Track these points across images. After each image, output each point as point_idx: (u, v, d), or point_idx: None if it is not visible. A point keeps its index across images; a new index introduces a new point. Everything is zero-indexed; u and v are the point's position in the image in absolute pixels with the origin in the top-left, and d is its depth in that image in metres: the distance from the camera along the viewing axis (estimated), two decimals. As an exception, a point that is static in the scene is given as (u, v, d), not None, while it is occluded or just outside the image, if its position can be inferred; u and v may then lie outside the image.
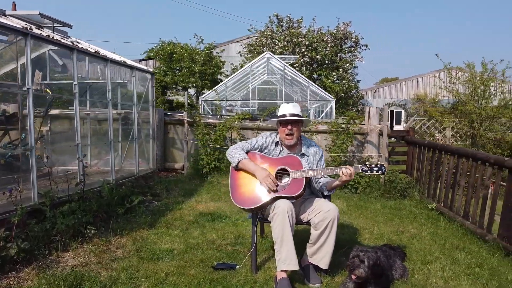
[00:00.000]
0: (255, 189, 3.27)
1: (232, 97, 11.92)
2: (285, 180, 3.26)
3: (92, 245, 3.73)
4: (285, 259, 3.03)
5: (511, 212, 4.19)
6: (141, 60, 23.46)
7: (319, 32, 14.92)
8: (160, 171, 7.71)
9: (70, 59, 4.57)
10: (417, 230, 4.81)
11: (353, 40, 14.78)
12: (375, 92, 29.90)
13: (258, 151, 3.47)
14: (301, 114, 3.46)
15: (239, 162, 3.33)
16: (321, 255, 3.20)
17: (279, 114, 3.46)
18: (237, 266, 3.42)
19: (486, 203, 4.71)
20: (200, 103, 9.48)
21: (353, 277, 2.93)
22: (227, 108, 12.34)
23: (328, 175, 3.37)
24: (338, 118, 7.62)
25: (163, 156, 8.01)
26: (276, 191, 3.18)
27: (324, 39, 14.28)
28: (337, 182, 3.24)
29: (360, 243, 4.19)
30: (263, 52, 15.39)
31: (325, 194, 3.43)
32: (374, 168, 3.14)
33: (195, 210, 5.26)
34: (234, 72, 17.78)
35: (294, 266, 3.02)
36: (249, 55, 16.23)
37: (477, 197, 4.91)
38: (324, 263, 3.19)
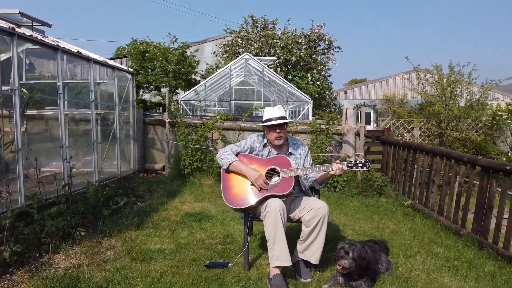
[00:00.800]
0: (246, 189, 3.37)
1: (209, 97, 11.92)
2: (275, 179, 3.37)
3: (82, 246, 3.71)
4: (278, 256, 3.14)
5: (483, 208, 4.47)
6: (111, 59, 23.02)
7: (294, 34, 15.14)
8: (140, 172, 7.66)
9: (54, 59, 4.51)
10: (396, 226, 5.03)
11: (326, 42, 15.10)
12: (345, 93, 30.56)
13: (248, 153, 3.56)
14: (285, 116, 3.58)
15: (230, 164, 3.42)
16: (312, 251, 3.33)
17: (265, 118, 3.55)
18: (230, 264, 3.50)
19: (460, 199, 4.98)
20: (179, 103, 9.45)
21: (338, 267, 3.08)
22: (203, 108, 12.32)
23: (316, 172, 3.50)
24: (315, 119, 7.80)
25: (143, 157, 7.96)
26: (267, 190, 3.29)
27: (299, 41, 14.51)
28: (328, 175, 3.40)
29: (344, 239, 4.34)
30: (239, 52, 15.48)
31: (316, 187, 3.59)
32: (359, 165, 3.32)
33: (181, 211, 5.28)
34: (209, 72, 17.80)
35: (287, 262, 3.14)
36: (224, 56, 16.26)
37: (451, 194, 5.19)
38: (315, 259, 3.32)
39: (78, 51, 4.87)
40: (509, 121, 13.09)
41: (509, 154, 13.06)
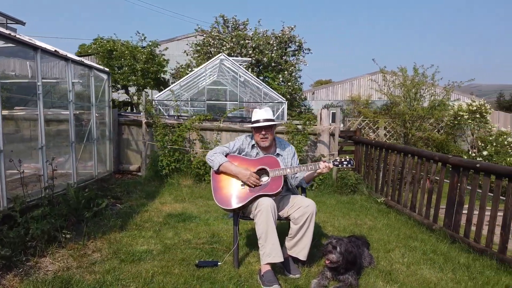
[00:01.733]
0: (237, 190, 3.44)
1: (182, 97, 11.83)
2: (265, 179, 3.47)
3: (68, 249, 3.66)
4: (270, 253, 3.23)
5: (454, 204, 4.76)
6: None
7: (265, 35, 15.29)
8: (115, 173, 7.53)
9: (30, 58, 4.40)
10: (372, 222, 5.25)
11: (297, 44, 15.35)
12: (313, 93, 31.09)
13: (237, 153, 3.64)
14: (273, 118, 3.67)
15: (220, 165, 3.48)
16: (300, 247, 3.45)
17: (252, 119, 3.64)
18: (219, 263, 3.56)
19: (431, 196, 5.26)
20: (154, 103, 9.33)
21: (327, 261, 3.22)
22: (179, 108, 12.23)
23: (304, 171, 3.62)
24: (291, 119, 7.95)
25: (118, 158, 7.82)
26: (257, 190, 3.38)
27: (270, 42, 14.68)
28: (315, 174, 3.54)
29: (326, 235, 4.51)
30: (211, 52, 15.46)
31: (304, 186, 3.72)
32: (344, 162, 3.47)
33: (162, 212, 5.27)
34: (180, 71, 17.64)
35: (279, 258, 3.24)
36: (196, 55, 16.17)
37: (423, 191, 5.47)
38: (303, 255, 3.44)
39: (55, 51, 4.76)
40: (470, 121, 13.77)
41: (470, 153, 13.74)
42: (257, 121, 3.55)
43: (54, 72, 5.91)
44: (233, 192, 3.44)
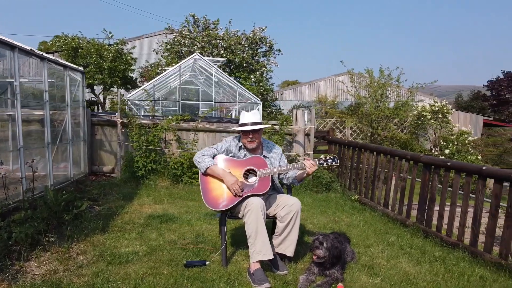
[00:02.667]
0: (225, 191, 3.52)
1: (153, 97, 11.69)
2: (253, 179, 3.55)
3: (52, 253, 3.59)
4: (260, 251, 3.31)
5: (426, 200, 5.02)
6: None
7: (236, 35, 15.35)
8: (88, 174, 7.36)
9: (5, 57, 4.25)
10: (349, 219, 5.44)
11: (268, 45, 15.50)
12: (281, 94, 31.42)
13: (225, 154, 3.69)
14: (261, 121, 3.76)
15: (207, 168, 3.54)
16: (286, 244, 3.55)
17: (240, 122, 3.71)
18: (207, 263, 3.60)
19: (404, 193, 5.52)
20: (127, 102, 9.18)
21: (314, 257, 3.35)
22: (146, 107, 12.06)
23: (291, 170, 3.72)
24: (266, 120, 8.07)
25: (90, 159, 7.64)
26: (246, 190, 3.45)
27: (242, 43, 14.75)
28: (304, 175, 3.65)
29: (308, 232, 4.64)
30: (181, 51, 15.33)
31: (296, 185, 3.83)
32: (329, 160, 3.61)
33: (143, 213, 5.23)
34: (149, 70, 17.39)
35: (269, 255, 3.33)
36: (166, 54, 15.99)
37: (396, 188, 5.72)
38: (290, 252, 3.55)
39: (31, 49, 4.63)
40: (433, 121, 14.42)
41: (432, 151, 14.38)
42: (245, 124, 3.63)
43: (24, 71, 5.70)
44: (222, 194, 3.50)
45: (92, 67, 17.62)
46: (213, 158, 3.64)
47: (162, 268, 3.46)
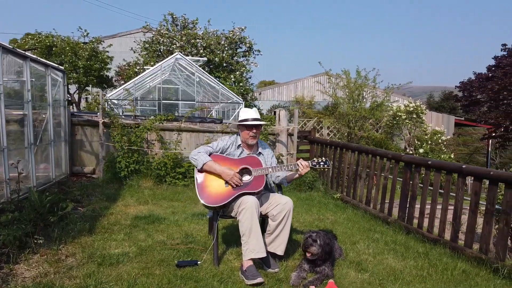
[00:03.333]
0: (221, 188, 3.55)
1: (131, 96, 11.54)
2: (247, 178, 3.60)
3: (41, 255, 3.53)
4: (254, 249, 3.37)
5: (407, 198, 5.19)
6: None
7: (215, 35, 15.31)
8: (70, 175, 7.21)
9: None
10: (334, 217, 5.56)
11: (247, 45, 15.54)
12: (260, 94, 31.52)
13: (220, 153, 3.73)
14: (261, 118, 3.84)
15: (204, 164, 3.57)
16: (278, 242, 3.62)
17: (242, 118, 3.77)
18: (199, 262, 3.62)
19: (386, 191, 5.68)
20: (108, 102, 9.02)
21: (308, 254, 3.43)
22: (124, 107, 11.89)
23: (285, 170, 3.79)
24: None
25: (71, 160, 7.49)
26: (241, 188, 3.50)
27: (221, 42, 14.73)
28: (296, 175, 3.73)
29: (295, 230, 4.72)
30: (160, 50, 15.17)
31: (284, 185, 3.90)
32: (321, 163, 3.70)
33: (128, 214, 5.18)
34: (126, 69, 17.11)
35: (263, 253, 3.39)
36: (143, 53, 15.78)
37: (377, 186, 5.88)
38: (280, 250, 3.62)
39: (14, 48, 4.52)
40: (407, 121, 14.82)
41: (407, 150, 14.78)
42: (246, 120, 3.68)
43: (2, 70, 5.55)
44: (217, 190, 3.54)
45: (66, 65, 17.19)
46: (209, 156, 3.67)
47: (154, 269, 3.46)
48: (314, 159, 3.73)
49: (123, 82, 17.42)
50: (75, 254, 3.69)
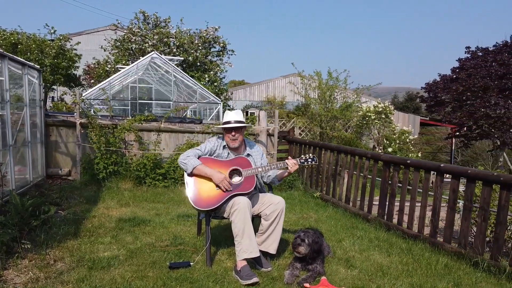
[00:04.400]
0: (212, 191, 3.58)
1: (101, 96, 11.28)
2: (238, 179, 3.65)
3: (29, 260, 3.43)
4: (247, 249, 3.41)
5: (386, 196, 5.38)
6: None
7: (189, 34, 15.19)
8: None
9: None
10: (316, 215, 5.68)
11: (221, 45, 15.51)
12: (231, 94, 31.46)
13: (208, 155, 3.75)
14: (243, 120, 3.87)
15: (194, 168, 3.59)
16: (270, 242, 3.68)
17: (223, 120, 3.81)
18: (191, 263, 3.63)
19: (365, 189, 5.86)
20: (83, 102, 8.76)
21: (297, 254, 3.51)
22: (95, 106, 11.60)
23: (274, 169, 3.85)
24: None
25: (46, 162, 7.24)
26: (232, 190, 3.54)
27: (194, 41, 14.63)
28: (286, 173, 3.81)
29: (283, 229, 4.78)
30: (131, 49, 14.88)
31: (275, 184, 3.97)
32: (309, 160, 3.80)
33: (112, 217, 5.09)
34: (96, 67, 16.67)
35: (256, 253, 3.44)
36: (114, 51, 15.43)
37: (357, 185, 6.05)
38: (273, 249, 3.69)
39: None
40: (377, 121, 15.28)
41: (376, 149, 15.23)
42: (228, 122, 3.71)
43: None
44: (209, 193, 3.56)
45: (32, 64, 16.57)
46: (198, 159, 3.68)
47: (146, 271, 3.44)
48: (302, 156, 3.82)
49: (93, 81, 16.99)
50: (63, 259, 3.61)
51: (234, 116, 3.75)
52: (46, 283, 3.08)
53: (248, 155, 3.86)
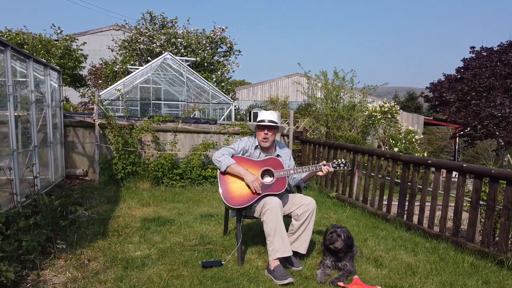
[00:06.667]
0: (244, 190, 3.63)
1: (113, 96, 11.33)
2: (270, 179, 3.70)
3: (64, 260, 3.48)
4: (279, 248, 3.46)
5: (405, 196, 5.43)
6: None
7: (196, 34, 15.24)
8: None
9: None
10: (336, 215, 5.73)
11: (227, 45, 15.56)
12: (235, 93, 31.55)
13: (241, 154, 3.81)
14: (277, 121, 3.93)
15: (227, 167, 3.64)
16: (300, 242, 3.73)
17: (258, 119, 3.87)
18: (223, 262, 3.68)
19: (383, 189, 5.91)
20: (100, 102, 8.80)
21: (333, 248, 3.57)
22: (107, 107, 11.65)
23: (306, 172, 3.90)
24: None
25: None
26: (264, 190, 3.59)
27: (202, 42, 14.68)
28: (311, 176, 3.91)
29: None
30: (139, 49, 14.92)
31: (302, 186, 4.03)
32: (341, 164, 3.85)
33: (135, 217, 5.15)
34: (103, 68, 16.73)
35: (288, 252, 3.49)
36: (122, 51, 15.47)
37: (375, 185, 6.10)
38: (303, 249, 3.74)
39: (19, 49, 4.40)
40: (383, 120, 15.33)
41: (382, 148, 15.26)
42: (262, 121, 3.77)
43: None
44: (240, 192, 3.62)
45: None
46: (232, 158, 3.74)
47: (181, 270, 3.49)
48: (335, 161, 3.87)
49: (100, 81, 17.03)
50: (97, 258, 3.66)
51: (269, 116, 3.82)
52: (85, 283, 3.13)
53: (278, 155, 3.92)
